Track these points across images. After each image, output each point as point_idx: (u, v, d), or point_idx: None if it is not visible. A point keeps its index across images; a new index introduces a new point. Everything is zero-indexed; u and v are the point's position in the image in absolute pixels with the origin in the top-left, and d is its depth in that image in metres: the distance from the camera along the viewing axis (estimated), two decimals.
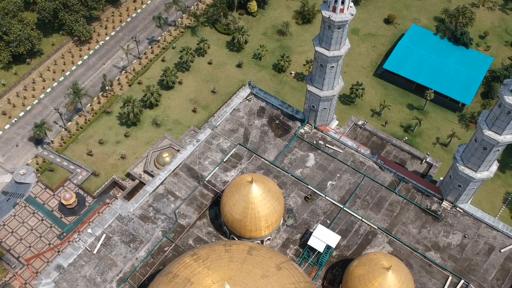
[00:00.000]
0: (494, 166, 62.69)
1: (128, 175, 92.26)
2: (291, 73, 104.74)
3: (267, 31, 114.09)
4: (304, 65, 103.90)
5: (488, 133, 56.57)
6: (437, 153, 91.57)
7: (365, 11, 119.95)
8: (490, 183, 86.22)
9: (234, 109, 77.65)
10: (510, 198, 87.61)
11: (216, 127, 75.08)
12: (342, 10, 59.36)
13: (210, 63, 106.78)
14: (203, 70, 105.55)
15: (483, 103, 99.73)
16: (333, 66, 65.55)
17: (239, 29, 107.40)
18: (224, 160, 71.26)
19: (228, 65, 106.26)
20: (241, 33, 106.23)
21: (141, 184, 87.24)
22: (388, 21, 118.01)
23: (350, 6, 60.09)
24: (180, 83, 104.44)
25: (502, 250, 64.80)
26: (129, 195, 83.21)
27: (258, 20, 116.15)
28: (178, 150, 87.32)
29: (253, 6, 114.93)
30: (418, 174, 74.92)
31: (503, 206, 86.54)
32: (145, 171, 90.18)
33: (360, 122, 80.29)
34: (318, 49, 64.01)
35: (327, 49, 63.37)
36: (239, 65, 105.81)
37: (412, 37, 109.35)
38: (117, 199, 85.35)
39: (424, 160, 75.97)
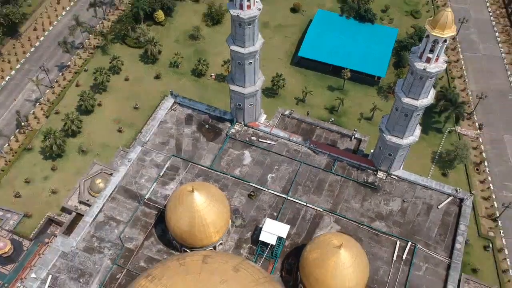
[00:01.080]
0: (418, 130, 66.19)
1: (64, 209, 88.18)
2: (211, 76, 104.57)
3: (179, 38, 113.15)
4: (223, 65, 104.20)
5: (406, 100, 59.55)
6: (363, 127, 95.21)
7: (271, 4, 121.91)
8: (417, 146, 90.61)
9: (160, 121, 76.44)
10: (437, 157, 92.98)
11: (145, 143, 73.56)
12: (249, 6, 59.96)
13: (127, 79, 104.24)
14: (121, 88, 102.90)
15: (396, 72, 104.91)
16: (251, 62, 66.20)
17: (150, 41, 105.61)
18: (161, 174, 70.02)
19: (146, 79, 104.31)
20: (153, 44, 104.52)
21: (79, 216, 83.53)
22: (294, 10, 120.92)
23: (256, 1, 60.85)
24: (99, 105, 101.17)
25: (439, 207, 68.61)
26: (69, 230, 79.61)
27: (167, 29, 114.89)
28: (111, 174, 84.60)
29: (160, 15, 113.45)
30: (350, 151, 77.56)
31: (432, 166, 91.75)
32: (80, 202, 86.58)
33: (287, 112, 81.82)
34: (233, 48, 64.34)
35: (242, 47, 63.81)
36: (157, 77, 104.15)
37: (319, 22, 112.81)
38: (56, 236, 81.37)
39: (353, 136, 78.81)
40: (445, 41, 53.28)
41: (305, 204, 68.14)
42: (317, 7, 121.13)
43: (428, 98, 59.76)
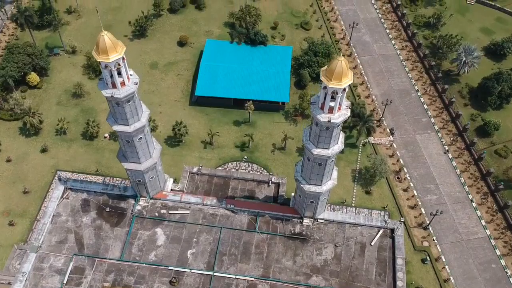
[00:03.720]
0: (335, 172, 62.12)
1: None
2: (105, 137, 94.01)
3: (61, 99, 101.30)
4: None
5: (316, 151, 54.93)
6: (278, 160, 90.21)
7: (155, 41, 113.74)
8: (337, 167, 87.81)
9: (53, 215, 66.68)
10: (357, 175, 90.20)
11: (40, 246, 63.60)
12: (123, 83, 52.14)
13: (9, 160, 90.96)
14: (4, 172, 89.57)
15: (299, 94, 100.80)
16: (141, 137, 58.42)
17: (27, 111, 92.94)
18: (65, 282, 60.60)
19: (31, 155, 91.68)
20: (31, 115, 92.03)
21: None
22: (182, 43, 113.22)
23: (130, 74, 53.11)
24: None
25: (372, 243, 65.28)
26: None
27: (46, 91, 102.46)
28: (9, 283, 72.86)
29: (33, 78, 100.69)
30: (270, 199, 72.29)
31: (355, 185, 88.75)
32: None
33: (195, 169, 75.09)
34: (117, 128, 56.38)
35: (126, 125, 55.89)
36: (44, 150, 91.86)
37: (210, 53, 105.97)
38: None
39: (270, 182, 73.74)
40: (344, 89, 48.89)
41: (234, 277, 61.89)
42: (205, 36, 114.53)
43: (339, 144, 55.73)
